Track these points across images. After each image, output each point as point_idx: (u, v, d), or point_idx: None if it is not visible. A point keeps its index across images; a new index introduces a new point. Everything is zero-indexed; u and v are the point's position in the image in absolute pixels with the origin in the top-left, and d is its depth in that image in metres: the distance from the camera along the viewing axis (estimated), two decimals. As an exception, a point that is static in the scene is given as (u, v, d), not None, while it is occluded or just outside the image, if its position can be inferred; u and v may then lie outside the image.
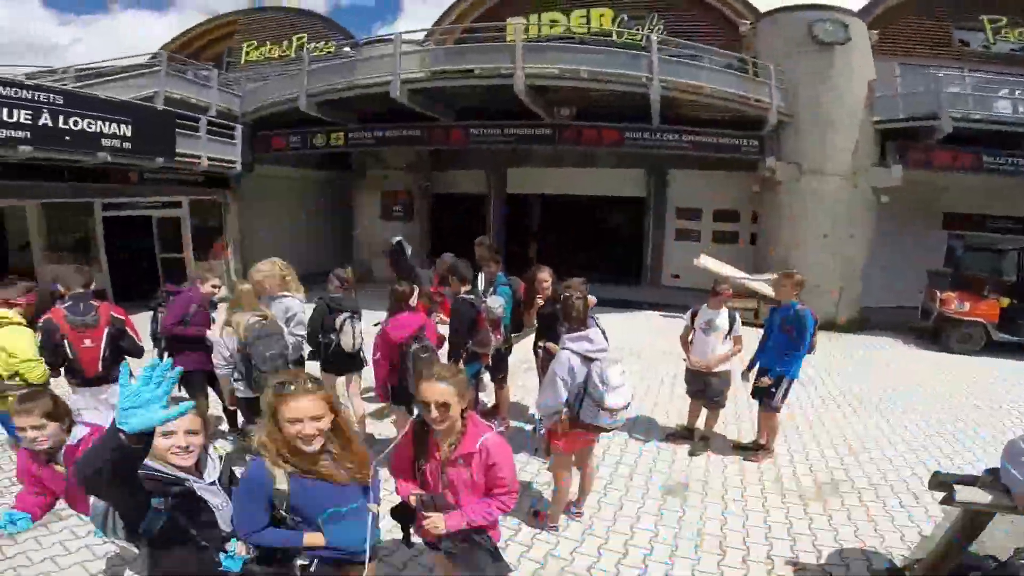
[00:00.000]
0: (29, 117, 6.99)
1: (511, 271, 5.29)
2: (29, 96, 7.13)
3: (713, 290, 4.44)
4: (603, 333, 3.24)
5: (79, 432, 2.04)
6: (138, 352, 3.88)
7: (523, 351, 5.32)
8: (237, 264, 11.60)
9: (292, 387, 1.69)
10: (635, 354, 7.36)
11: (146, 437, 1.30)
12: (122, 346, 3.76)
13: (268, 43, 16.77)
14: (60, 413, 2.08)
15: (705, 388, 4.51)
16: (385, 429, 4.80)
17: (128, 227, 10.88)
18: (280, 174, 13.13)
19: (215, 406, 4.40)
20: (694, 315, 4.56)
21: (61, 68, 11.85)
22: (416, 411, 2.12)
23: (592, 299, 3.49)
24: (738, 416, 5.24)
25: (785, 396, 4.34)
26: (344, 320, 4.21)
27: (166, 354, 4.08)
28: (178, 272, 10.27)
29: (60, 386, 3.49)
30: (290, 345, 3.88)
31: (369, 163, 13.66)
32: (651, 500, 3.82)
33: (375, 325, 4.14)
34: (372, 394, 4.85)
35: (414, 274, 5.75)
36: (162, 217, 11.31)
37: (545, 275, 4.63)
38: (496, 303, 4.41)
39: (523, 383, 5.83)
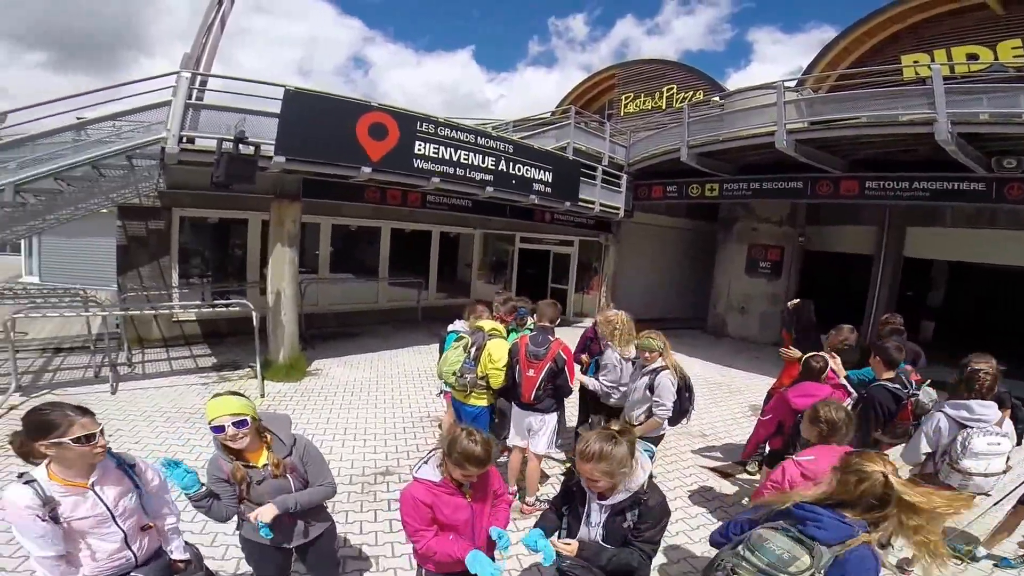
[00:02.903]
0: (493, 163, 8.48)
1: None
2: (493, 145, 8.54)
3: None
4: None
5: None
6: (566, 392, 4.15)
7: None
8: (606, 300, 13.13)
9: None
10: None
11: None
12: (557, 383, 4.03)
13: (642, 95, 17.96)
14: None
15: None
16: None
17: (532, 258, 13.77)
18: (652, 221, 14.16)
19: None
20: None
21: (498, 121, 14.05)
22: None
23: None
24: None
25: None
26: None
27: None
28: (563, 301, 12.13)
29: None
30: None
31: (738, 214, 13.37)
32: None
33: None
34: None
35: (813, 339, 5.33)
36: (558, 253, 13.90)
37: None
38: (928, 397, 3.73)
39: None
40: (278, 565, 2.47)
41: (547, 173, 9.60)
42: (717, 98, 12.43)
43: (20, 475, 1.94)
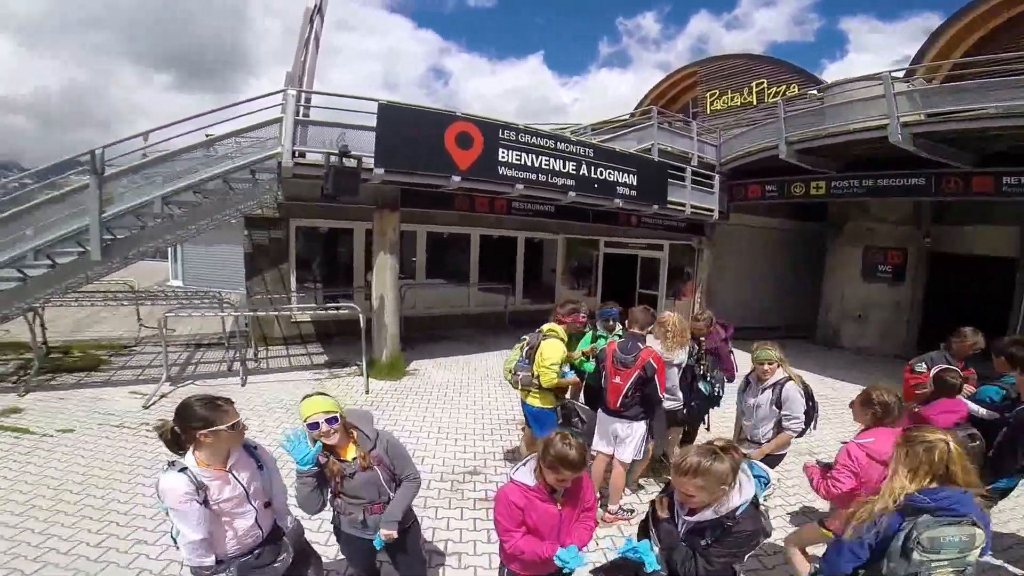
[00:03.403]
0: (574, 168, 8.48)
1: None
2: (573, 150, 8.55)
3: None
4: None
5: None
6: (655, 401, 4.03)
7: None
8: (700, 306, 12.54)
9: None
10: None
11: None
12: (646, 392, 3.95)
13: (729, 91, 16.97)
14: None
15: None
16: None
17: (618, 263, 13.53)
18: (749, 222, 13.32)
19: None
20: None
21: (576, 125, 13.88)
22: None
23: None
24: None
25: None
26: None
27: None
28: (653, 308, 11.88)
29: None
30: None
31: (851, 214, 12.24)
32: None
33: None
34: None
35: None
36: (645, 257, 13.53)
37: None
38: None
39: None
40: (366, 556, 2.62)
41: (631, 176, 9.44)
42: (815, 91, 11.50)
43: (171, 463, 2.13)
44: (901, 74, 10.29)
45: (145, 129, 6.54)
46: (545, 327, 4.43)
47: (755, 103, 16.29)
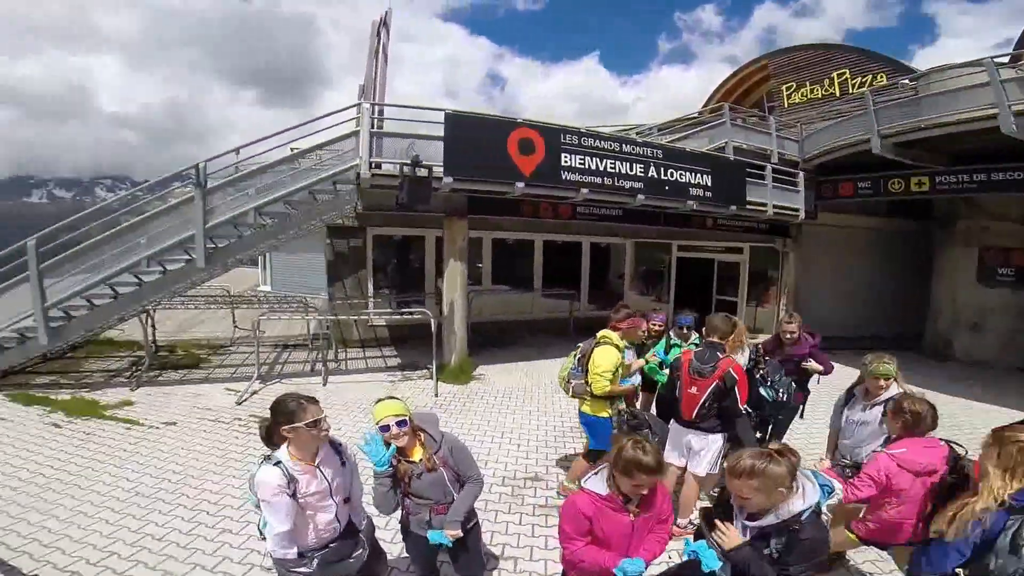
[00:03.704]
0: (642, 170, 8.28)
1: None
2: (641, 152, 8.36)
3: None
4: None
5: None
6: (736, 414, 3.81)
7: None
8: (785, 313, 11.66)
9: None
10: None
11: None
12: (724, 404, 3.77)
13: (807, 83, 15.95)
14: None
15: None
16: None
17: (693, 267, 12.95)
18: (840, 222, 12.29)
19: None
20: None
21: (640, 126, 13.58)
22: None
23: None
24: None
25: None
26: None
27: None
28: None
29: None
30: None
31: (962, 211, 10.97)
32: None
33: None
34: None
35: None
36: (723, 261, 12.81)
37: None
38: None
39: None
40: (429, 556, 2.71)
41: (705, 176, 9.06)
42: (906, 80, 10.47)
43: (267, 457, 2.28)
44: (1005, 59, 9.19)
45: (234, 142, 7.43)
46: (600, 334, 4.35)
47: (838, 94, 15.27)
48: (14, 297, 6.59)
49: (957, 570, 2.18)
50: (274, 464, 2.21)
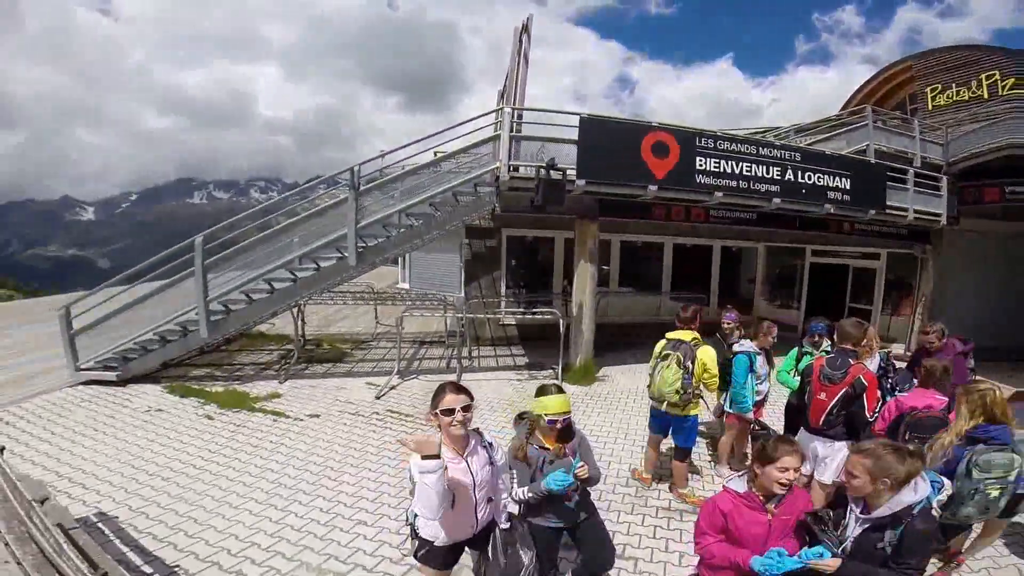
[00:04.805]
0: (778, 173, 8.13)
1: None
2: (778, 155, 8.22)
3: None
4: None
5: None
6: (860, 420, 3.70)
7: None
8: (922, 323, 10.68)
9: None
10: None
11: None
12: (852, 410, 3.68)
13: (953, 86, 14.76)
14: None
15: None
16: None
17: (826, 273, 12.11)
18: (985, 228, 11.20)
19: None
20: None
21: (776, 129, 13.38)
22: None
23: None
24: None
25: None
26: None
27: None
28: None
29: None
30: None
31: None
32: None
33: None
34: None
35: None
36: (858, 267, 11.95)
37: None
38: None
39: None
40: (550, 543, 2.73)
41: (844, 180, 8.69)
42: None
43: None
44: None
45: (378, 146, 8.10)
46: (683, 336, 4.38)
47: (986, 97, 13.95)
48: (177, 292, 6.97)
49: (934, 502, 2.61)
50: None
